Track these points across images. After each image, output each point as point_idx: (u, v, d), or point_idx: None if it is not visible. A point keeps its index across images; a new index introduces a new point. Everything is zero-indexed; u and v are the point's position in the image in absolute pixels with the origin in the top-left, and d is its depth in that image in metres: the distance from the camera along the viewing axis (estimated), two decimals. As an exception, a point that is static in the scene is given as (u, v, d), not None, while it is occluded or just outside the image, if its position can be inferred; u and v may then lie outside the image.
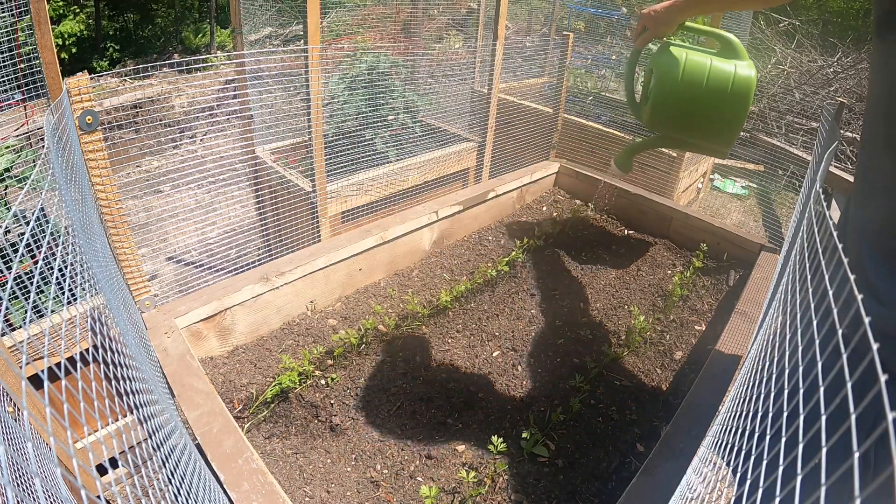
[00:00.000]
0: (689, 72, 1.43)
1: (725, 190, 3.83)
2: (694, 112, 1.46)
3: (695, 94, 1.42)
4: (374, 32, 2.67)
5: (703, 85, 1.42)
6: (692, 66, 1.44)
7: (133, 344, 0.83)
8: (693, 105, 1.44)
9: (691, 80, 1.43)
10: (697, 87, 1.42)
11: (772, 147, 3.77)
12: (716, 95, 1.41)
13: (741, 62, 1.45)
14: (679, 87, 1.43)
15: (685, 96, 1.43)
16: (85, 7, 8.43)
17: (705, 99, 1.42)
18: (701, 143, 1.58)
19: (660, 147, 2.09)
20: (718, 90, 1.41)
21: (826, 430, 0.27)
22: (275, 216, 2.06)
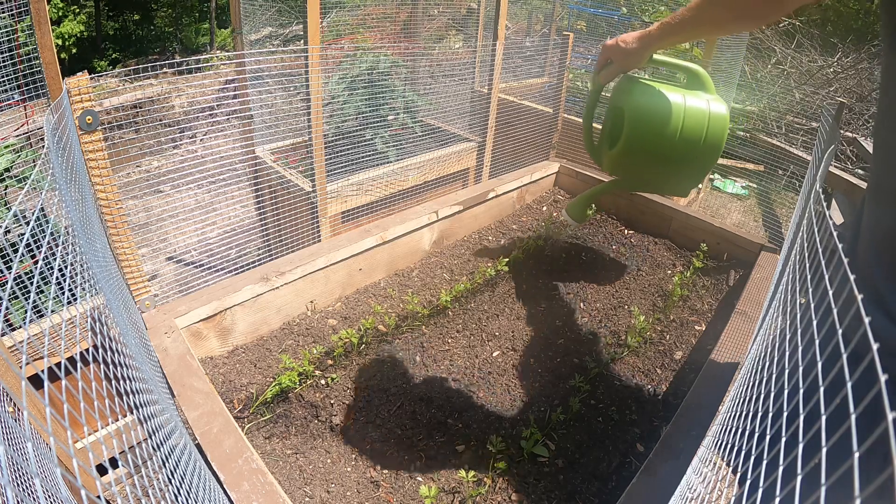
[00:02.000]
0: (666, 112, 1.29)
1: (725, 190, 3.83)
2: (669, 155, 1.33)
3: (671, 136, 1.30)
4: (374, 32, 2.67)
5: (679, 127, 1.29)
6: (668, 107, 1.30)
7: (133, 344, 0.83)
8: (669, 148, 1.32)
9: (667, 121, 1.29)
10: (674, 130, 1.29)
11: (772, 147, 3.77)
12: (692, 137, 1.30)
13: (711, 97, 1.34)
14: (655, 130, 1.30)
15: (661, 140, 1.31)
16: (85, 7, 8.44)
17: (682, 141, 1.31)
18: (669, 185, 1.50)
19: (617, 191, 1.94)
20: (695, 131, 1.30)
21: (826, 433, 0.27)
22: (275, 216, 2.06)
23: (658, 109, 1.30)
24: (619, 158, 1.39)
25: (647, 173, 1.45)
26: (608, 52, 1.31)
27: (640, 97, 1.32)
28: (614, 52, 1.29)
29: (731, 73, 2.94)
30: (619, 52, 1.27)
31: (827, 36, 6.54)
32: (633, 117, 1.32)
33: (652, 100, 1.31)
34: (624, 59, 1.28)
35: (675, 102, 1.30)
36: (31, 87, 1.73)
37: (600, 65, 1.36)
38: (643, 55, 1.26)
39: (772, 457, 0.34)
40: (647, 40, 1.23)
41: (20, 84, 1.73)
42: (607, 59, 1.33)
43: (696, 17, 1.08)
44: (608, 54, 1.32)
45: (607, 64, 1.34)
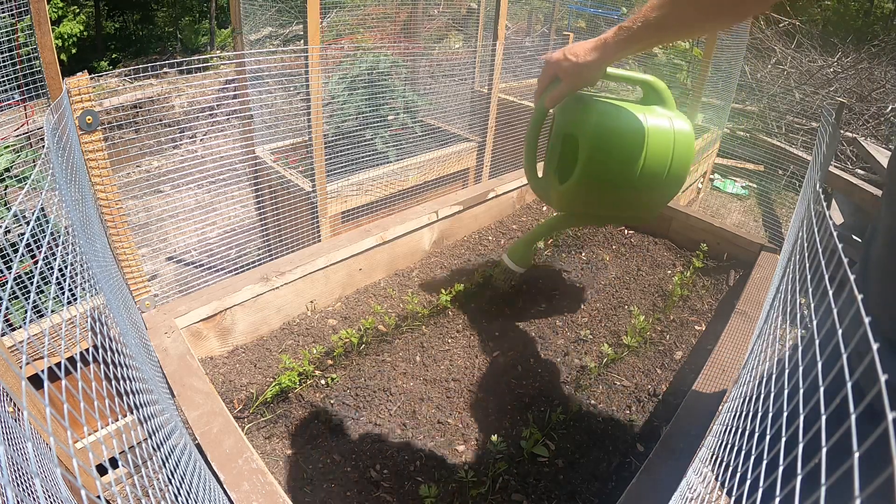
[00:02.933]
0: (628, 137, 1.12)
1: (725, 190, 3.83)
2: (633, 185, 1.17)
3: (635, 164, 1.13)
4: (374, 32, 2.67)
5: (644, 152, 1.12)
6: (630, 130, 1.12)
7: (133, 344, 0.83)
8: (632, 177, 1.15)
9: (631, 147, 1.12)
10: (638, 156, 1.13)
11: (772, 147, 3.77)
12: (658, 161, 1.14)
13: (672, 114, 1.18)
14: (617, 158, 1.13)
15: (624, 168, 1.14)
16: (85, 7, 8.44)
17: (647, 168, 1.15)
18: (630, 216, 1.37)
19: (567, 228, 1.75)
20: (661, 154, 1.14)
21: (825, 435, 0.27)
22: (275, 216, 2.07)
23: (619, 133, 1.11)
24: (574, 193, 1.20)
25: (606, 206, 1.27)
26: (554, 69, 1.08)
27: (596, 121, 1.11)
28: (563, 68, 1.06)
29: (731, 73, 2.94)
30: (570, 68, 1.05)
31: (827, 36, 6.55)
32: (590, 145, 1.12)
33: (611, 123, 1.12)
34: (576, 77, 1.06)
35: (637, 124, 1.12)
36: (31, 87, 1.73)
37: (543, 85, 1.13)
38: (600, 69, 1.04)
39: (772, 457, 0.34)
40: (605, 51, 1.01)
41: (20, 84, 1.73)
42: (553, 76, 1.10)
43: (663, 18, 0.91)
44: (554, 71, 1.08)
45: (553, 83, 1.11)
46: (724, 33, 2.53)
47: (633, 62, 3.90)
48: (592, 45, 1.02)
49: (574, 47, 1.04)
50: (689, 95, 2.73)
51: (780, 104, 4.63)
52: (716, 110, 3.09)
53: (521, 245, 1.43)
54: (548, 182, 1.32)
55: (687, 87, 3.07)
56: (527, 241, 1.42)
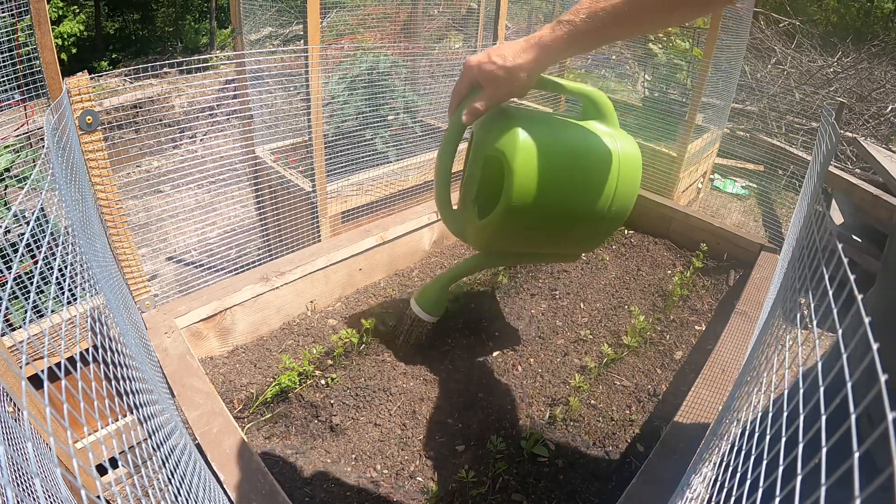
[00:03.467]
0: (566, 160, 0.93)
1: (725, 190, 3.83)
2: (569, 217, 0.98)
3: (574, 192, 0.95)
4: (374, 32, 2.67)
5: (584, 178, 0.94)
6: (568, 152, 0.94)
7: (133, 344, 0.83)
8: (570, 208, 0.96)
9: (569, 172, 0.93)
10: (577, 182, 0.94)
11: (772, 147, 3.77)
12: (600, 189, 0.96)
13: (615, 132, 1.00)
14: (553, 186, 0.93)
15: (561, 198, 0.95)
16: (85, 7, 8.44)
17: (587, 196, 0.96)
18: (562, 253, 1.20)
19: (487, 268, 1.48)
20: (602, 181, 0.95)
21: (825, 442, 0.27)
22: (275, 216, 2.07)
23: (554, 156, 0.91)
24: (497, 228, 0.98)
25: (535, 243, 1.09)
26: (474, 75, 0.87)
27: (526, 140, 0.90)
28: (486, 74, 0.86)
29: (730, 73, 2.94)
30: (495, 73, 0.85)
31: (827, 36, 6.55)
32: (518, 170, 0.90)
33: (544, 142, 0.91)
34: (503, 84, 0.86)
35: (575, 145, 0.94)
36: (31, 87, 1.73)
37: (461, 94, 0.92)
38: (533, 75, 0.85)
39: (772, 457, 0.34)
40: (541, 52, 0.81)
41: (20, 84, 1.73)
42: (472, 84, 0.90)
43: (615, 10, 0.74)
44: (475, 77, 0.88)
45: (473, 92, 0.90)
46: (724, 33, 2.53)
47: (633, 62, 3.90)
48: (524, 44, 0.82)
49: (500, 48, 0.84)
50: (688, 95, 2.73)
51: (780, 104, 4.63)
52: (716, 110, 3.09)
53: (433, 289, 1.19)
54: (465, 215, 1.06)
55: (687, 87, 3.07)
56: (439, 284, 1.18)
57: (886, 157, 2.82)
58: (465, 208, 1.09)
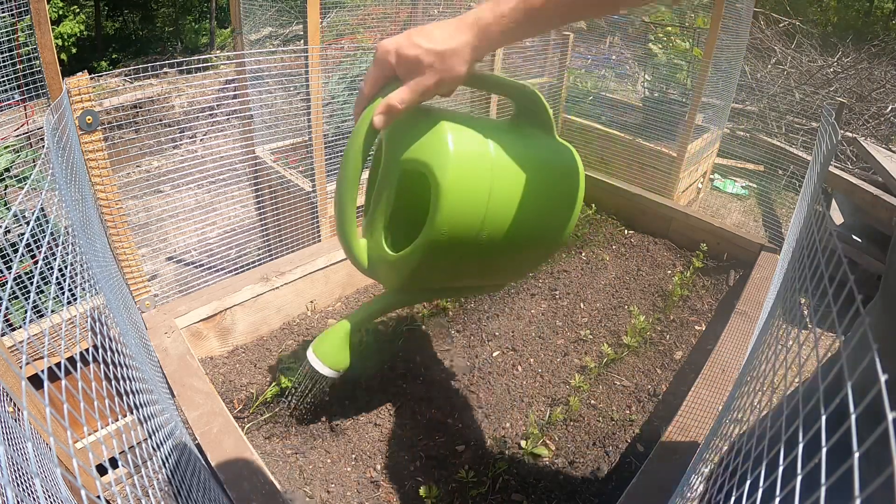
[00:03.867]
0: (502, 174, 0.74)
1: (725, 190, 3.83)
2: (506, 243, 0.79)
3: (511, 212, 0.76)
4: (374, 32, 2.67)
5: (520, 194, 0.75)
6: (503, 164, 0.74)
7: (133, 344, 0.83)
8: (506, 232, 0.77)
9: (508, 188, 0.74)
10: (515, 201, 0.75)
11: (772, 147, 3.77)
12: (542, 209, 0.80)
13: (553, 140, 0.84)
14: (489, 205, 0.73)
15: (496, 219, 0.75)
16: (85, 7, 8.44)
17: (526, 218, 0.78)
18: (489, 285, 1.02)
19: (395, 309, 1.28)
20: (546, 200, 0.80)
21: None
22: (275, 216, 2.06)
23: (493, 169, 0.72)
24: (419, 262, 0.77)
25: (462, 275, 0.87)
26: (392, 63, 0.67)
27: (460, 147, 0.71)
28: (409, 62, 0.66)
29: (730, 73, 2.94)
30: (423, 60, 0.65)
31: (827, 36, 6.55)
32: (452, 187, 0.70)
33: (481, 152, 0.72)
34: (433, 75, 0.66)
35: (516, 155, 0.75)
36: (31, 87, 1.73)
37: (372, 90, 0.71)
38: (470, 63, 0.66)
39: (772, 457, 0.34)
40: (485, 36, 0.63)
41: (20, 84, 1.73)
42: (387, 77, 0.69)
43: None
44: (392, 66, 0.67)
45: (388, 86, 0.69)
46: (724, 33, 2.53)
47: (633, 62, 3.90)
48: (457, 24, 0.63)
49: (425, 29, 0.65)
50: (688, 95, 2.73)
51: (780, 104, 4.63)
52: (716, 110, 3.09)
53: (334, 339, 0.95)
54: (372, 248, 0.84)
55: (687, 87, 3.07)
56: (342, 333, 0.95)
57: (886, 157, 2.82)
58: (373, 239, 0.83)
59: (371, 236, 0.85)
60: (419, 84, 0.67)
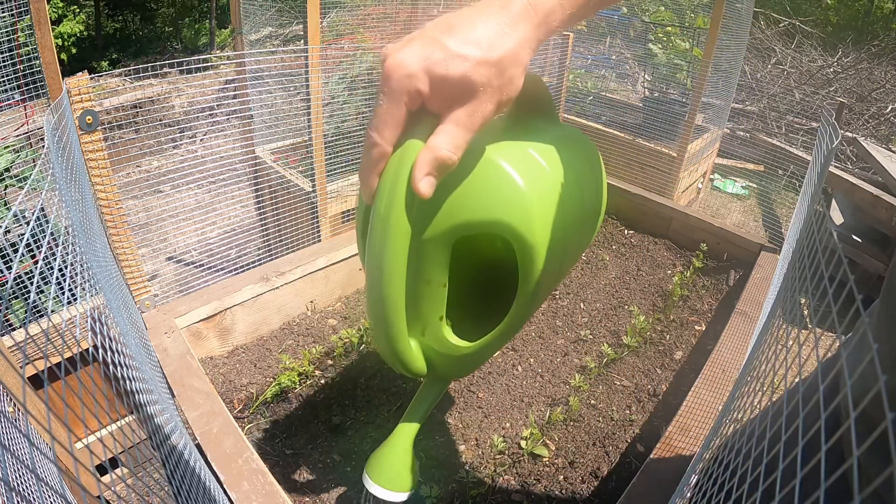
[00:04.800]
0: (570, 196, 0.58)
1: (725, 190, 3.83)
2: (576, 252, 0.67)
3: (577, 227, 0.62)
4: (374, 32, 2.66)
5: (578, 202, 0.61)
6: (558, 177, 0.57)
7: (133, 344, 0.83)
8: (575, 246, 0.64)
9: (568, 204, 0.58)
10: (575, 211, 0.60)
11: (772, 147, 3.77)
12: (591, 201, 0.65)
13: (567, 128, 0.67)
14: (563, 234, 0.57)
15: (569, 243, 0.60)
16: (85, 7, 8.44)
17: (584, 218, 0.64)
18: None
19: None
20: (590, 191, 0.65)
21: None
22: (275, 216, 2.07)
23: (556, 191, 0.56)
24: (508, 331, 0.60)
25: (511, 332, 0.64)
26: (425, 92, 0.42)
27: (530, 186, 0.52)
28: (452, 87, 0.41)
29: (731, 73, 2.94)
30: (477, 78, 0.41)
31: (827, 36, 6.55)
32: (539, 239, 0.53)
33: (542, 177, 0.55)
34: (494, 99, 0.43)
35: (561, 160, 0.59)
36: (31, 87, 1.73)
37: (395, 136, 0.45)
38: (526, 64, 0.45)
39: (772, 456, 0.34)
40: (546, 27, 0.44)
41: (20, 84, 1.73)
42: (411, 112, 0.44)
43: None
44: (423, 95, 0.42)
45: (417, 125, 0.44)
46: (724, 33, 2.53)
47: (633, 62, 3.90)
48: (502, 14, 0.43)
49: (454, 28, 0.42)
50: (688, 95, 2.73)
51: (780, 104, 4.63)
52: (716, 110, 3.09)
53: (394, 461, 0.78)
54: (430, 347, 0.64)
55: (687, 87, 3.08)
56: (401, 453, 0.79)
57: (886, 157, 2.82)
58: (427, 338, 0.63)
59: (423, 335, 0.63)
60: (475, 115, 0.43)
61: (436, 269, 0.57)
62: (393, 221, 0.49)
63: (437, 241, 0.54)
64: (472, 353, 0.62)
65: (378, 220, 0.49)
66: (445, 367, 0.66)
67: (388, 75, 0.42)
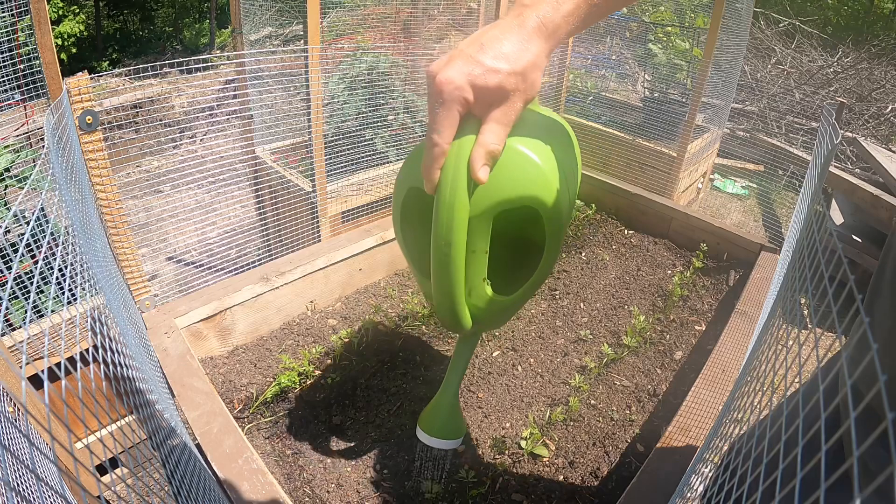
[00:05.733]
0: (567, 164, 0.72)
1: (725, 190, 3.83)
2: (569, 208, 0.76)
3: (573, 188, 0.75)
4: (374, 32, 2.67)
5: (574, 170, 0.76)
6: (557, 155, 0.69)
7: (133, 344, 0.83)
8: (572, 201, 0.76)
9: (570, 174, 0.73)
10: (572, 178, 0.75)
11: (772, 147, 3.77)
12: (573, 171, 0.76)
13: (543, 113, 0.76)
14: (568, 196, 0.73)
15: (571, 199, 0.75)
16: (85, 7, 8.44)
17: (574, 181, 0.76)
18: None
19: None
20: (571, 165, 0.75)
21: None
22: (275, 216, 2.07)
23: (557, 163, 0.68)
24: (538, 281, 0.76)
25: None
26: (466, 97, 0.55)
27: (546, 164, 0.66)
28: (492, 91, 0.55)
29: (731, 73, 2.94)
30: (508, 86, 0.55)
31: (827, 36, 6.55)
32: (560, 209, 0.68)
33: (549, 155, 0.67)
34: (521, 98, 0.57)
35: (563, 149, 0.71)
36: (31, 87, 1.73)
37: (452, 135, 0.58)
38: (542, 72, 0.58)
39: (772, 456, 0.34)
40: (555, 40, 0.56)
41: (20, 84, 1.73)
42: (462, 116, 0.57)
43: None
44: (469, 103, 0.56)
45: (465, 125, 0.58)
46: (724, 33, 2.53)
47: (633, 62, 3.90)
48: (521, 32, 0.55)
49: (485, 47, 0.54)
50: (688, 95, 2.73)
51: (780, 104, 4.63)
52: (716, 110, 3.09)
53: (443, 414, 0.87)
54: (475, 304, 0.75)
55: (687, 87, 3.07)
56: (446, 405, 0.87)
57: (886, 157, 2.82)
58: (472, 297, 0.75)
59: (469, 296, 0.74)
60: (509, 114, 0.58)
61: (481, 240, 0.69)
62: (458, 205, 0.61)
63: (483, 217, 0.66)
64: (509, 305, 0.77)
65: (444, 205, 0.61)
66: (487, 319, 0.79)
67: (441, 89, 0.55)
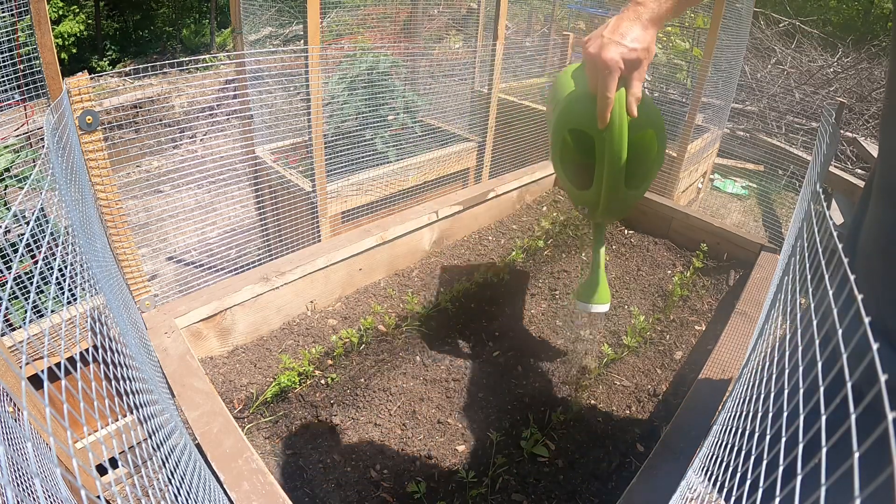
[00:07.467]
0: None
1: (725, 190, 3.83)
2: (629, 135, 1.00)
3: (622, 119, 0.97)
4: (374, 32, 2.67)
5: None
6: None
7: (133, 344, 0.83)
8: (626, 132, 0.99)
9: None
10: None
11: (772, 147, 3.77)
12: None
13: None
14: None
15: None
16: (85, 7, 8.43)
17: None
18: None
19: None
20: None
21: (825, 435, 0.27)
22: (275, 216, 2.07)
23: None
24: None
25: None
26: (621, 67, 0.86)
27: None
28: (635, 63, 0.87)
29: (731, 73, 2.94)
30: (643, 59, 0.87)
31: (827, 36, 6.55)
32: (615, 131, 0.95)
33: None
34: (646, 64, 0.90)
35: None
36: (31, 87, 1.73)
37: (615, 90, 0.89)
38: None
39: (772, 457, 0.34)
40: (659, 27, 0.88)
41: (20, 84, 1.73)
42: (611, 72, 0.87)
43: None
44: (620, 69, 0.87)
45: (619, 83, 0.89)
46: (724, 33, 2.53)
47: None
48: (637, 21, 0.85)
49: (621, 33, 0.85)
50: (688, 95, 2.73)
51: (780, 104, 4.63)
52: (716, 110, 3.09)
53: (598, 283, 1.19)
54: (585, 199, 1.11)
55: (687, 87, 3.08)
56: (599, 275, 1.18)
57: (886, 157, 2.81)
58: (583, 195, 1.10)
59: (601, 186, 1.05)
60: (642, 74, 0.91)
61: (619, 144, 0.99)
62: (622, 132, 0.93)
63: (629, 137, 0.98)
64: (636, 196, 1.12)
65: (615, 131, 0.93)
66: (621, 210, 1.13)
67: (607, 64, 0.86)
